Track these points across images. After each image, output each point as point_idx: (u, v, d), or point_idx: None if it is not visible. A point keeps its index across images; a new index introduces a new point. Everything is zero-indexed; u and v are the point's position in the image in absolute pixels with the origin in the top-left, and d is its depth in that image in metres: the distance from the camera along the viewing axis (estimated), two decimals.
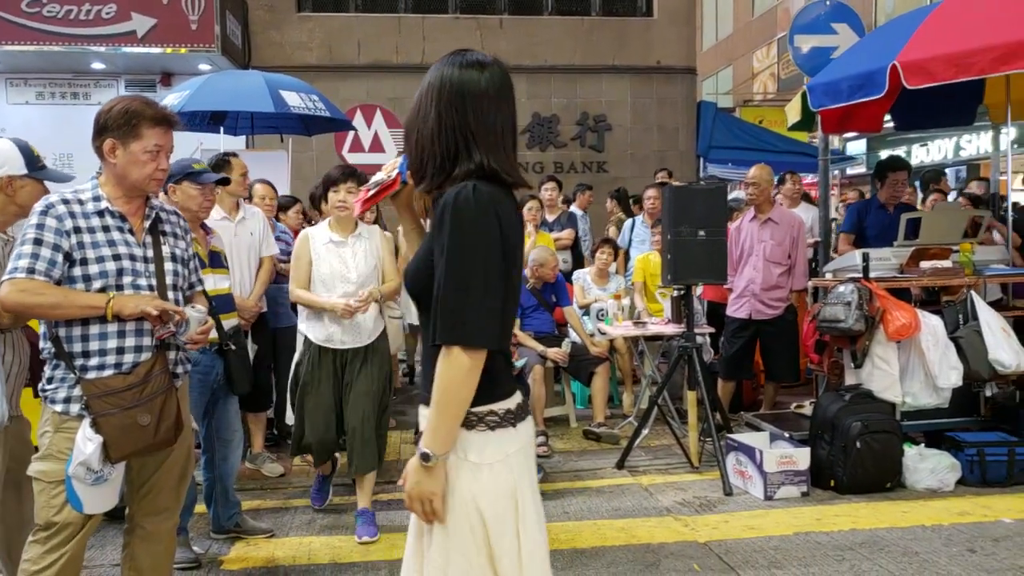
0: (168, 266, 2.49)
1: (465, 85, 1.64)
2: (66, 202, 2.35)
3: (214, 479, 3.64)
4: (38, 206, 2.34)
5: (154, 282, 2.44)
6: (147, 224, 2.47)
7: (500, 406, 1.65)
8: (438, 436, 1.57)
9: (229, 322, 3.51)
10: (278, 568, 3.46)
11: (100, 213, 2.38)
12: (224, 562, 3.52)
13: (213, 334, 3.37)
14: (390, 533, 3.81)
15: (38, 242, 2.28)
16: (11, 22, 8.66)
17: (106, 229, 2.38)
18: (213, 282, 3.46)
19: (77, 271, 2.32)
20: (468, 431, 1.62)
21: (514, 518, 1.63)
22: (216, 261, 3.56)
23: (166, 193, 3.29)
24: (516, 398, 1.69)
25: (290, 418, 4.85)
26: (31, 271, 2.25)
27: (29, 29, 8.70)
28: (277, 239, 4.92)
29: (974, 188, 7.78)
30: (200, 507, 3.68)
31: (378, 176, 1.85)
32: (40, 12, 8.67)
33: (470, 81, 1.64)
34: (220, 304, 3.44)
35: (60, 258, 2.29)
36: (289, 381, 4.00)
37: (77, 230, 2.33)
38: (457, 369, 1.54)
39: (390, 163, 1.83)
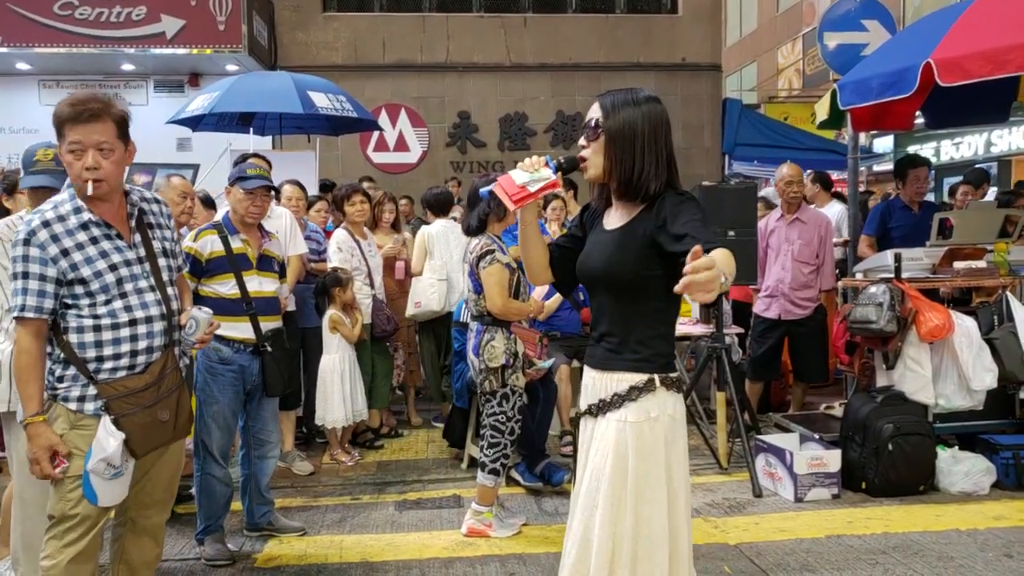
0: (161, 262, 2.48)
1: (666, 117, 2.07)
2: (47, 224, 2.29)
3: (249, 476, 3.69)
4: (21, 233, 2.30)
5: (153, 281, 2.43)
6: (132, 223, 2.44)
7: (678, 375, 2.08)
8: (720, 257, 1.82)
9: (268, 324, 3.53)
10: (310, 566, 3.49)
11: (84, 226, 2.33)
12: (258, 559, 3.56)
13: (248, 333, 3.46)
14: (418, 532, 3.84)
15: (25, 275, 2.28)
16: (44, 24, 8.83)
17: (95, 241, 2.34)
18: (258, 283, 3.51)
19: (79, 289, 2.31)
20: (667, 391, 2.03)
21: (685, 465, 2.05)
22: (266, 265, 3.59)
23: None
24: None
25: (321, 418, 4.93)
26: (23, 308, 2.28)
27: (61, 31, 8.86)
28: (308, 239, 4.97)
29: None
30: (235, 504, 3.73)
31: (522, 176, 2.02)
32: (72, 15, 8.83)
33: (665, 114, 2.08)
34: (261, 306, 3.50)
35: (50, 287, 2.28)
36: None
37: (65, 252, 2.29)
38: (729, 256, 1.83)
39: (530, 162, 2.04)
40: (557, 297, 5.01)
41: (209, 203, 5.10)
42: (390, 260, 5.65)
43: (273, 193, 3.87)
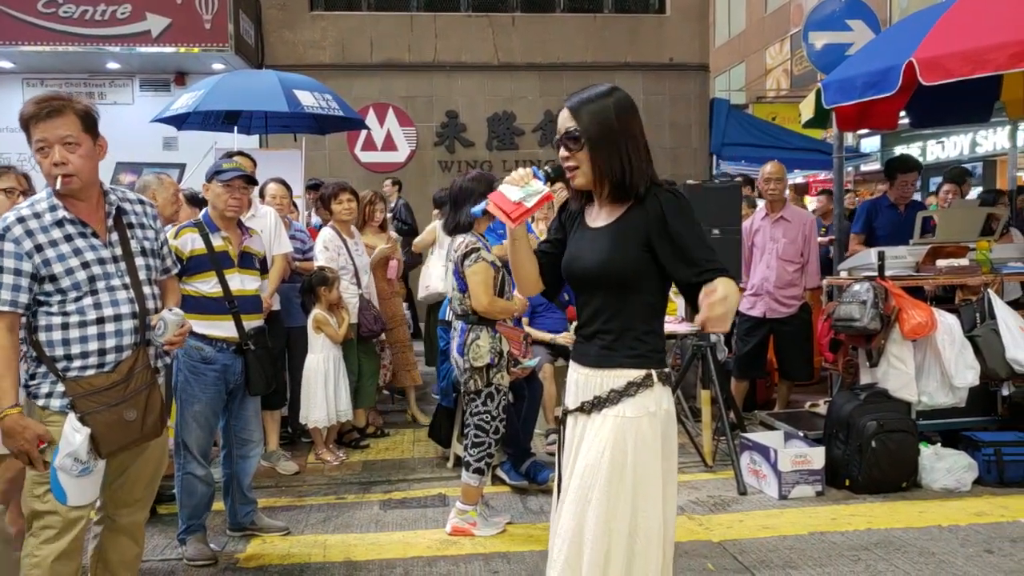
0: (139, 261, 2.48)
1: (632, 103, 2.06)
2: (22, 220, 2.32)
3: (231, 476, 3.67)
4: None
5: (128, 280, 2.43)
6: (110, 222, 2.44)
7: (668, 370, 2.10)
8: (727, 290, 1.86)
9: (251, 323, 3.50)
10: (293, 566, 3.48)
11: (59, 223, 2.34)
12: (240, 559, 3.54)
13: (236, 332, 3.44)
14: (403, 531, 3.83)
15: (0, 270, 2.28)
16: (28, 22, 8.74)
17: (68, 238, 2.35)
18: (240, 282, 3.48)
19: (50, 287, 2.32)
20: (663, 386, 2.04)
21: (675, 460, 2.09)
22: (247, 262, 3.55)
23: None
24: None
25: (304, 417, 4.91)
26: None
27: (45, 29, 8.77)
28: (292, 238, 4.94)
29: None
30: (217, 504, 3.70)
31: (515, 192, 2.04)
32: (56, 13, 8.74)
33: (631, 100, 2.07)
34: (244, 304, 3.47)
35: (25, 282, 2.29)
36: None
37: (39, 248, 2.30)
38: (733, 284, 1.92)
39: (519, 175, 2.05)
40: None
41: (196, 201, 5.06)
42: (384, 260, 5.63)
43: (257, 190, 3.85)
